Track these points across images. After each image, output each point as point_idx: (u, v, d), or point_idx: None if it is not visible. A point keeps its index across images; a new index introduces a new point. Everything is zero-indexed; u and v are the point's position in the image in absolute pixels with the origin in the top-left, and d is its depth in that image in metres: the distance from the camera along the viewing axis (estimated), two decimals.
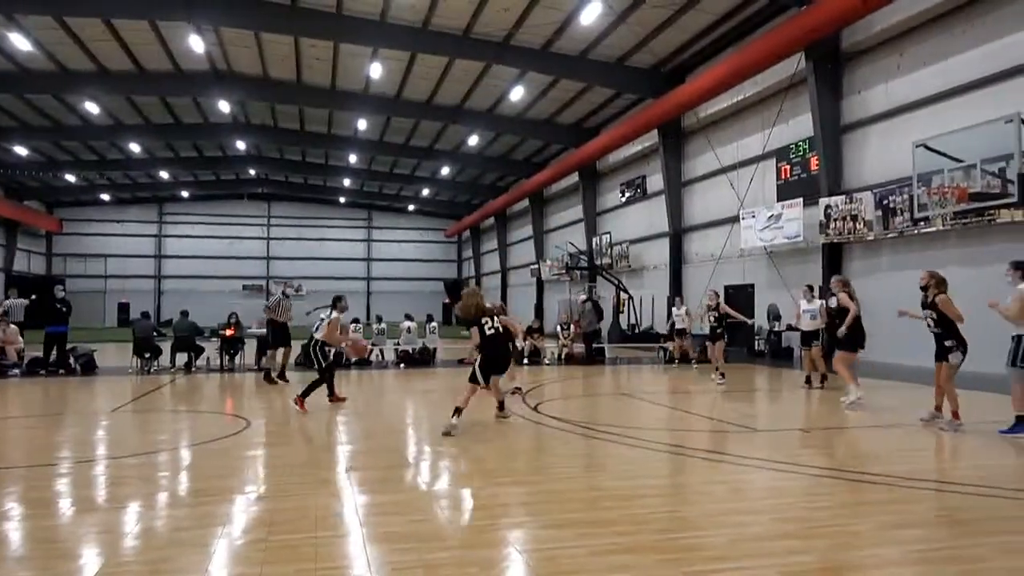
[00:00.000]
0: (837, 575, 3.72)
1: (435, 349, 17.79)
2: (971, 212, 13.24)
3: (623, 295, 26.69)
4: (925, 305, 8.37)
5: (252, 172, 45.27)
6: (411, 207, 53.87)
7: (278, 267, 53.57)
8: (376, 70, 24.82)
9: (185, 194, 50.07)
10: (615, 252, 29.38)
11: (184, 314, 16.70)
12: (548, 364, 17.40)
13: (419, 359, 17.26)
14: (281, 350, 13.31)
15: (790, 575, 3.67)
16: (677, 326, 17.70)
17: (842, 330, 10.07)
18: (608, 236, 30.13)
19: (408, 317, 18.27)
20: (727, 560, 3.87)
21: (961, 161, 11.52)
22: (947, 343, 8.13)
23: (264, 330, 16.77)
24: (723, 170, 22.51)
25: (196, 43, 22.69)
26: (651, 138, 26.24)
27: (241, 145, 37.81)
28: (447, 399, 11.45)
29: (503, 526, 4.58)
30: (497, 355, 8.40)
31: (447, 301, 51.02)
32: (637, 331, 25.37)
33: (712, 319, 13.62)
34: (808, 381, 12.22)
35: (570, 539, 4.23)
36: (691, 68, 23.39)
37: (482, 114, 30.00)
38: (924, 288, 8.43)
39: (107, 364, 16.71)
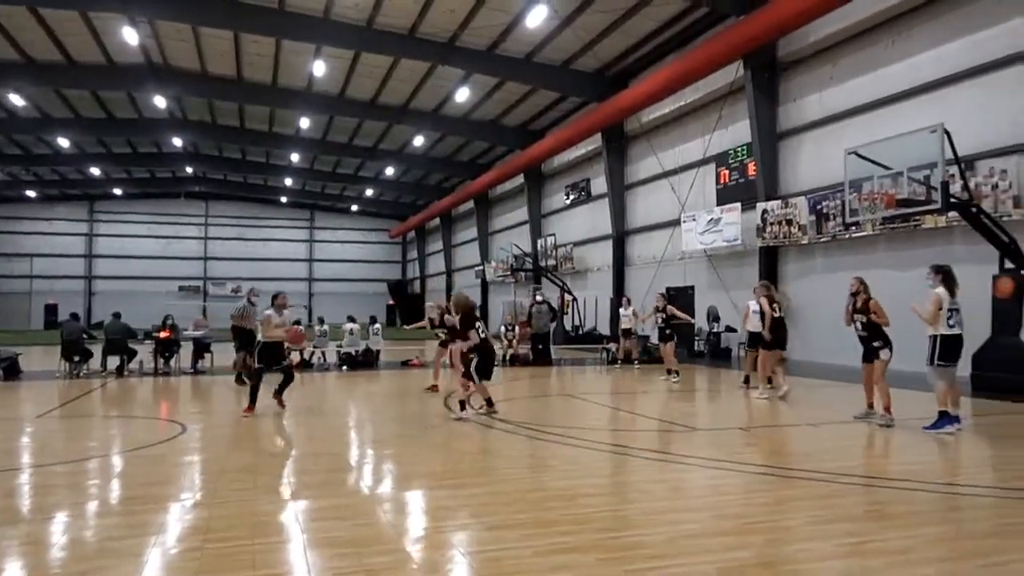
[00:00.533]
0: (771, 569, 3.83)
1: (379, 351, 17.60)
2: (898, 218, 13.80)
3: (567, 297, 26.92)
4: (856, 310, 8.72)
5: (189, 170, 43.98)
6: (354, 207, 53.24)
7: (216, 268, 52.24)
8: (319, 68, 24.44)
9: (118, 192, 48.35)
10: (560, 254, 29.62)
11: (116, 316, 16.11)
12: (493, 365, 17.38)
13: (362, 361, 17.05)
14: (243, 353, 13.30)
15: (727, 571, 3.76)
16: (624, 326, 17.93)
17: (765, 332, 11.01)
18: (553, 238, 30.37)
19: (351, 319, 18.03)
20: (667, 558, 3.94)
21: (890, 169, 11.97)
22: (875, 344, 8.48)
23: (200, 332, 16.39)
24: (665, 174, 22.94)
25: (130, 36, 21.96)
26: (595, 142, 26.55)
27: (178, 142, 36.72)
28: (391, 402, 11.36)
29: (447, 529, 4.57)
30: (490, 357, 9.32)
31: (391, 302, 50.61)
32: (581, 332, 25.61)
33: (660, 320, 13.88)
34: (746, 381, 12.53)
35: (514, 540, 4.24)
36: (634, 73, 23.76)
37: (427, 114, 29.85)
38: (855, 294, 8.78)
39: (32, 368, 16.00)
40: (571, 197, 30.08)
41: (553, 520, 4.64)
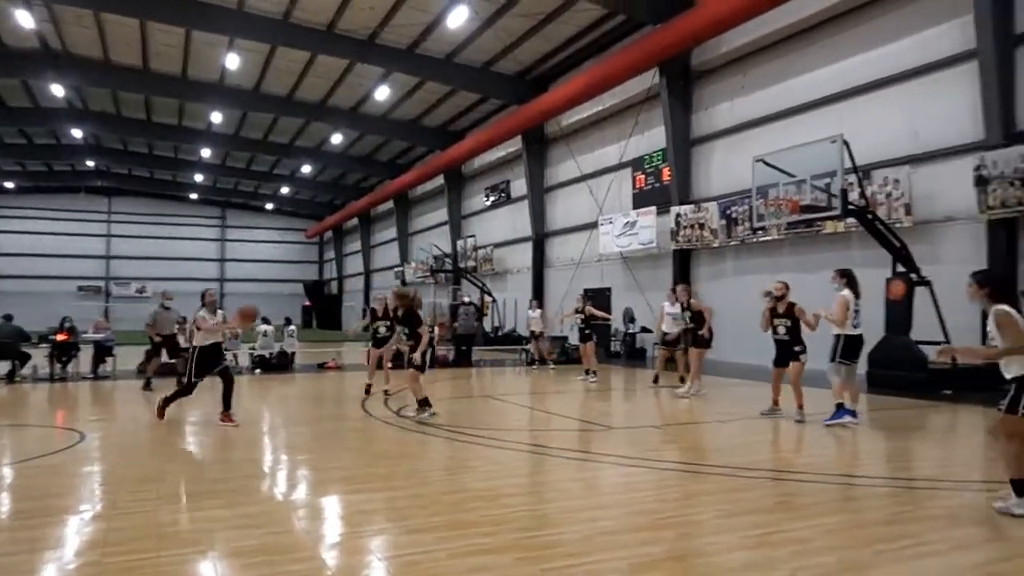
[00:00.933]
0: (682, 563, 3.95)
1: (293, 354, 17.16)
2: (802, 223, 14.50)
3: (487, 298, 26.99)
4: (778, 314, 8.94)
5: (90, 164, 41.67)
6: (269, 206, 51.75)
7: (120, 267, 49.75)
8: (233, 61, 23.66)
9: (10, 185, 45.30)
10: (480, 255, 29.67)
11: (7, 318, 15.09)
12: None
13: (276, 364, 16.59)
14: (157, 360, 13.10)
15: (640, 566, 3.85)
16: (532, 328, 18.08)
17: (704, 331, 11.29)
18: (473, 239, 30.40)
19: (265, 320, 17.51)
20: (582, 555, 4.01)
21: (794, 176, 12.58)
22: (796, 348, 8.81)
23: (102, 335, 15.55)
24: (583, 177, 23.33)
25: (25, 18, 20.67)
26: (516, 144, 26.74)
27: (77, 133, 34.76)
28: (307, 406, 11.10)
29: (364, 534, 4.50)
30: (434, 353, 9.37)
31: (308, 304, 49.45)
32: (500, 334, 25.73)
33: (580, 321, 14.06)
34: (656, 380, 12.82)
35: (432, 543, 4.22)
36: (554, 77, 24.06)
37: (346, 112, 29.36)
38: (779, 298, 8.98)
39: None
40: (491, 199, 30.18)
41: (472, 521, 4.64)
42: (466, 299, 19.29)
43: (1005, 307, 4.72)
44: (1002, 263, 12.20)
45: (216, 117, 30.84)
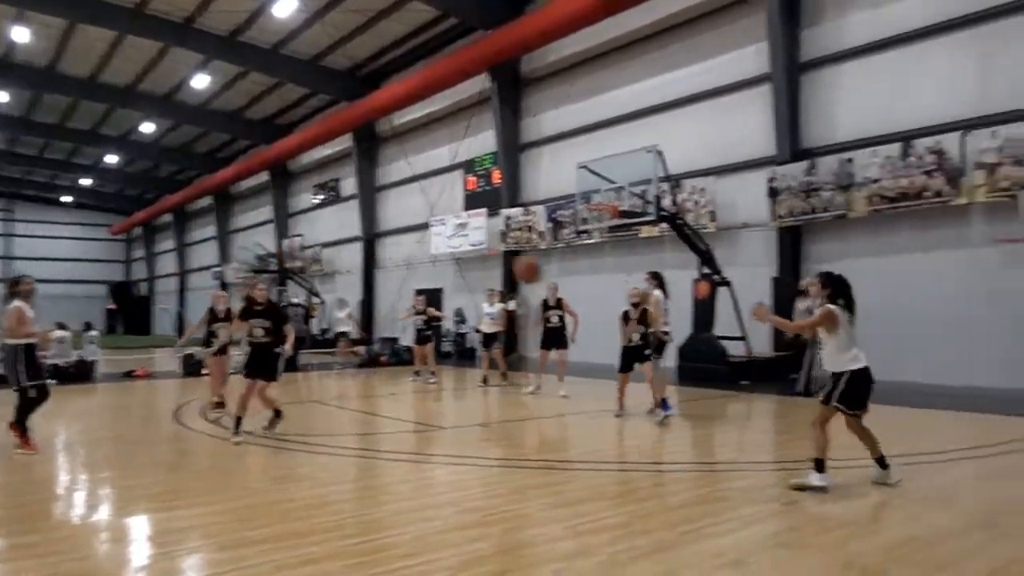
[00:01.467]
0: (509, 555, 4.08)
1: (94, 362, 15.60)
2: (621, 227, 15.43)
3: (315, 299, 26.14)
4: (639, 321, 8.95)
5: None
6: (67, 198, 46.67)
7: None
8: (22, 34, 21.15)
9: None
10: (307, 255, 28.69)
11: None
12: (233, 373, 16.33)
13: (74, 374, 15.02)
14: None
15: (469, 562, 3.93)
16: (340, 329, 17.74)
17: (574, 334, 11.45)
18: (300, 238, 29.32)
19: (61, 326, 15.77)
20: (412, 556, 4.02)
21: (614, 183, 13.35)
22: (647, 352, 8.96)
23: None
24: (415, 178, 23.28)
25: None
26: (346, 141, 26.13)
27: None
28: (110, 419, 10.18)
29: (177, 554, 4.21)
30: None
31: (113, 307, 45.19)
32: (331, 336, 25.01)
33: (420, 322, 13.83)
34: (485, 380, 13.09)
35: (254, 557, 4.03)
36: (386, 75, 23.80)
37: (159, 99, 27.23)
38: (636, 304, 9.05)
39: None
40: (320, 197, 29.30)
41: (299, 532, 4.49)
42: (293, 300, 18.55)
43: (835, 308, 5.37)
44: (791, 265, 13.72)
45: (1, 96, 27.39)
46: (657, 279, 9.19)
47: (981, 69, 11.55)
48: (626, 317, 9.11)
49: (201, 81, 24.29)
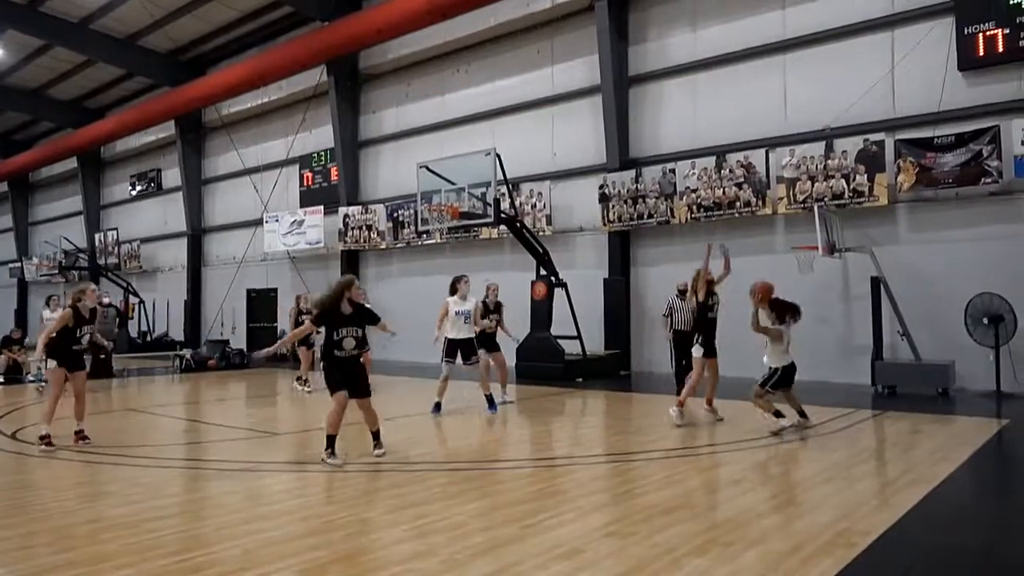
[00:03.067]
0: (349, 562, 3.95)
1: None
2: (461, 228, 15.54)
3: (132, 299, 24.07)
4: (491, 311, 9.81)
5: None
6: None
7: None
8: None
9: None
10: (124, 251, 26.34)
11: None
12: (33, 382, 14.64)
13: None
14: None
15: (308, 571, 3.76)
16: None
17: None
18: (115, 233, 26.83)
19: None
20: (244, 571, 3.78)
21: (454, 184, 13.41)
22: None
23: None
24: (247, 171, 22.08)
25: None
26: (168, 129, 24.28)
27: None
28: None
29: None
30: None
31: None
32: (150, 339, 23.17)
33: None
34: (302, 381, 12.24)
35: None
36: (214, 62, 22.42)
37: None
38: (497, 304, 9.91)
39: None
40: (138, 188, 27.02)
41: (110, 553, 4.08)
42: (104, 300, 16.87)
43: (782, 327, 7.50)
44: (620, 267, 14.47)
45: None
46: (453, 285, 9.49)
47: (784, 92, 12.83)
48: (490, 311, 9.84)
49: None
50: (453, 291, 9.27)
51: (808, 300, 12.18)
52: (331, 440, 6.37)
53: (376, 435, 6.76)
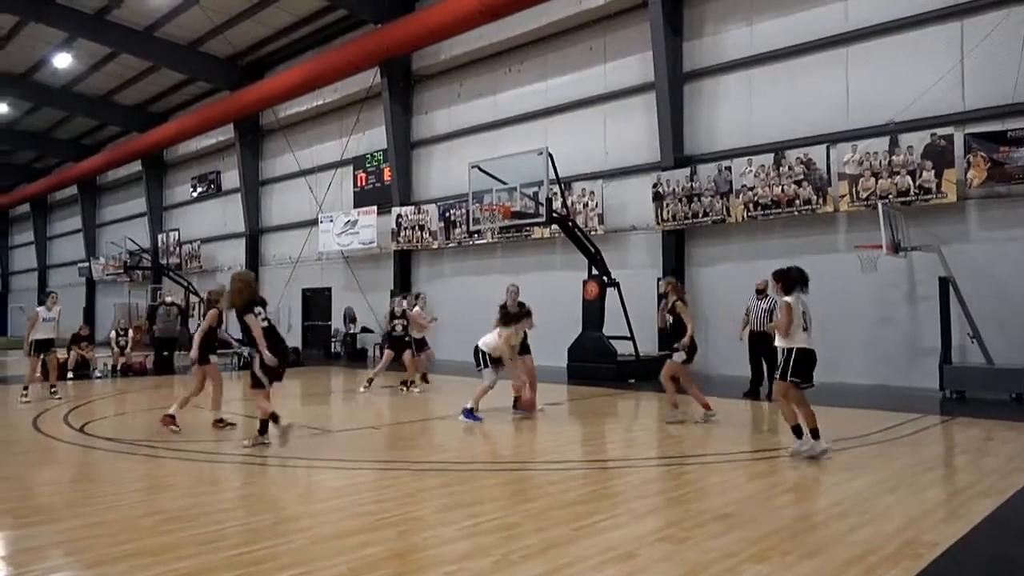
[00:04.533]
0: (402, 559, 3.99)
1: None
2: (513, 228, 15.57)
3: (193, 298, 24.82)
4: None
5: None
6: None
7: None
8: None
9: None
10: (185, 251, 27.22)
11: None
12: (100, 377, 15.25)
13: None
14: None
15: (360, 568, 3.81)
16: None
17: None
18: (176, 233, 27.77)
19: None
20: (299, 565, 3.86)
21: (506, 184, 13.44)
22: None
23: None
24: (302, 173, 22.56)
25: None
26: (227, 132, 25.00)
27: None
28: None
29: (34, 574, 3.85)
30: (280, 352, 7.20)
31: None
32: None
33: (399, 327, 11.94)
34: (370, 382, 12.30)
35: (122, 574, 3.75)
36: (271, 66, 22.97)
37: (15, 78, 25.03)
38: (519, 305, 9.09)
39: None
40: (199, 190, 27.88)
41: (173, 544, 4.22)
42: (168, 299, 17.45)
43: (790, 299, 6.33)
44: (674, 267, 14.28)
45: None
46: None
47: (845, 86, 12.46)
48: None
49: (63, 60, 22.58)
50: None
51: (871, 300, 11.97)
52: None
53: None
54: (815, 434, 6.25)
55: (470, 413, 8.65)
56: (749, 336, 10.41)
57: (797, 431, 6.32)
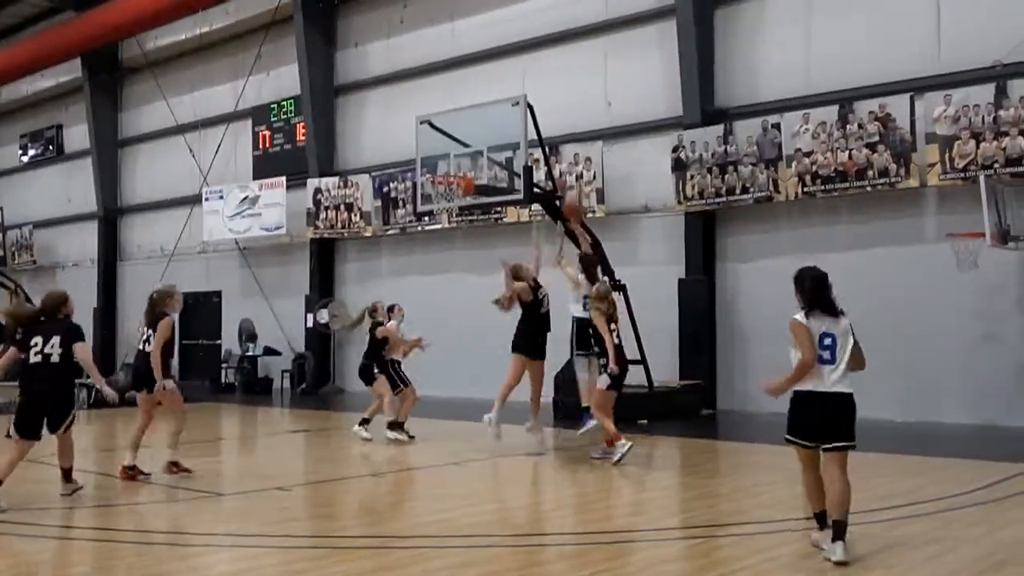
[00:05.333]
0: None
1: None
2: (478, 208, 15.56)
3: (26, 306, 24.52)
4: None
5: None
6: None
7: None
8: None
9: None
10: (11, 239, 26.84)
11: None
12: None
13: None
14: None
15: None
16: None
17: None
18: (0, 213, 27.35)
19: None
20: None
21: (469, 146, 13.39)
22: None
23: None
24: (180, 129, 22.38)
25: None
26: (73, 70, 24.71)
27: None
28: None
29: None
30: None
31: None
32: None
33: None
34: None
35: None
36: None
37: None
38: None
39: None
40: (31, 152, 27.54)
41: None
42: None
43: (796, 318, 5.69)
44: (702, 263, 14.35)
45: None
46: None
47: (936, 14, 12.61)
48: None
49: None
50: None
51: (971, 310, 12.13)
52: None
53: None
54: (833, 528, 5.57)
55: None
56: None
57: (820, 519, 5.76)
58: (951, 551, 5.85)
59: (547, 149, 14.13)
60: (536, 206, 14.28)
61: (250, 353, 19.89)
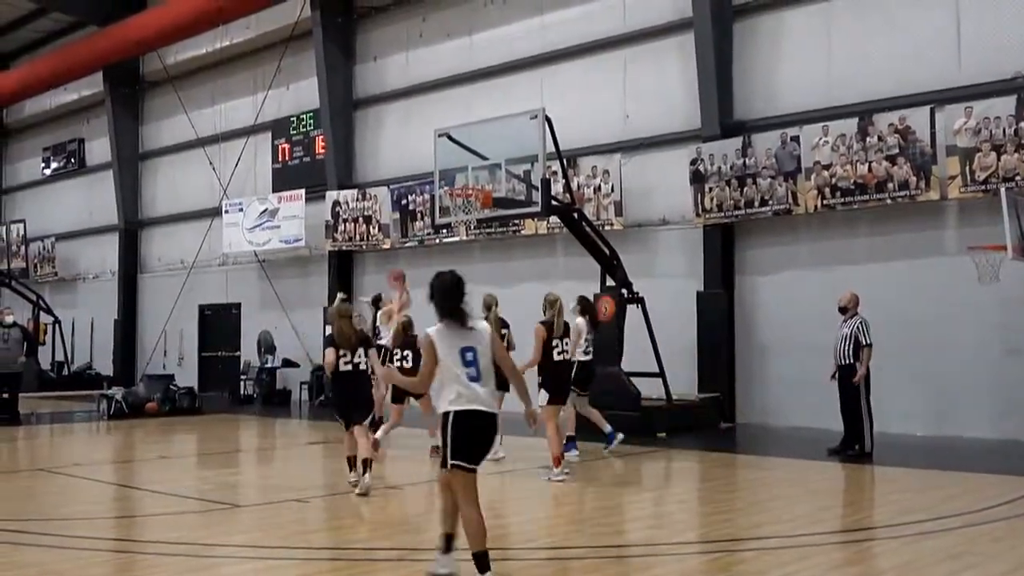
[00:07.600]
0: None
1: None
2: (496, 221, 15.58)
3: (45, 318, 24.67)
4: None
5: None
6: None
7: None
8: None
9: None
10: (33, 251, 27.05)
11: None
12: None
13: None
14: None
15: None
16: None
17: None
18: (21, 226, 27.55)
19: None
20: None
21: (487, 159, 13.43)
22: None
23: None
24: (200, 142, 22.55)
25: None
26: (95, 84, 24.95)
27: None
28: None
29: None
30: None
31: None
32: (68, 372, 23.68)
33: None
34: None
35: None
36: None
37: None
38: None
39: None
40: (54, 165, 27.78)
41: None
42: (7, 319, 17.27)
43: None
44: (720, 276, 14.32)
45: None
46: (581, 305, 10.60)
47: (956, 26, 12.56)
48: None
49: None
50: None
51: (993, 323, 12.03)
52: None
53: None
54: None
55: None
56: (836, 373, 10.60)
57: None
58: (975, 566, 5.79)
59: (565, 162, 14.16)
60: (554, 218, 14.29)
61: (269, 365, 19.94)
